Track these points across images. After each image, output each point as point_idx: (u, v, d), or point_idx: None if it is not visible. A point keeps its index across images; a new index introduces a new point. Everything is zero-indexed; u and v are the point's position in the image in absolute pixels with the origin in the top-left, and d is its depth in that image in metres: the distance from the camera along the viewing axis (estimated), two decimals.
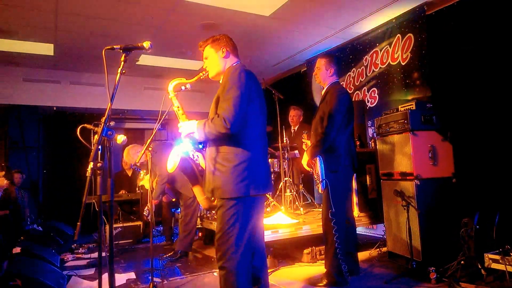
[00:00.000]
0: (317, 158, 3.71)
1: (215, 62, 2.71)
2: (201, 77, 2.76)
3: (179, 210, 5.72)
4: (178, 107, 2.78)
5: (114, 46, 2.20)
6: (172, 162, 2.82)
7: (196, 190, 2.87)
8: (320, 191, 3.79)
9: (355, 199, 4.99)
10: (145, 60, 7.64)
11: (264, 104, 2.67)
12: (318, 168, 3.69)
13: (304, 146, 4.33)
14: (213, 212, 5.11)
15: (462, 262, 3.65)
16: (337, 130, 3.65)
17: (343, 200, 3.78)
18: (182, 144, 2.69)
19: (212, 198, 2.71)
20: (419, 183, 4.06)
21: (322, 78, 3.92)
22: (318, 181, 3.76)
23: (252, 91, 2.50)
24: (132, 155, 5.53)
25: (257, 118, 2.56)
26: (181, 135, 2.65)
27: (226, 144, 2.49)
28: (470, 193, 4.33)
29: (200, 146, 2.69)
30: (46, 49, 6.78)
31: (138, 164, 5.23)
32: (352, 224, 4.07)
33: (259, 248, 2.70)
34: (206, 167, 2.64)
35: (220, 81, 2.66)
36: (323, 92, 3.93)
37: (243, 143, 2.48)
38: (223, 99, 2.46)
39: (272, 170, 6.17)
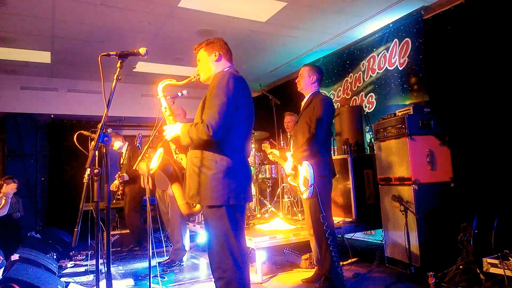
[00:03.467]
0: (304, 164, 3.65)
1: (207, 65, 2.66)
2: (192, 80, 2.73)
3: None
4: (166, 108, 2.73)
5: (110, 53, 2.20)
6: (154, 162, 2.80)
7: (177, 194, 2.81)
8: (305, 197, 3.68)
9: (352, 204, 4.99)
10: (142, 67, 7.66)
11: (253, 112, 2.59)
12: (307, 174, 3.61)
13: (270, 157, 4.38)
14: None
15: (461, 267, 3.64)
16: (325, 134, 3.69)
17: (330, 203, 3.79)
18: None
19: (193, 204, 2.67)
20: (417, 188, 4.07)
21: (304, 85, 3.91)
22: (303, 187, 3.67)
23: (240, 98, 2.43)
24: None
25: (242, 126, 2.48)
26: (167, 137, 2.61)
27: (208, 151, 2.41)
28: (469, 197, 4.32)
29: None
30: (43, 57, 6.78)
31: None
32: None
33: None
34: (186, 171, 2.57)
35: None
36: (305, 100, 3.92)
37: (224, 151, 2.40)
38: (208, 105, 2.38)
39: (269, 176, 6.17)
